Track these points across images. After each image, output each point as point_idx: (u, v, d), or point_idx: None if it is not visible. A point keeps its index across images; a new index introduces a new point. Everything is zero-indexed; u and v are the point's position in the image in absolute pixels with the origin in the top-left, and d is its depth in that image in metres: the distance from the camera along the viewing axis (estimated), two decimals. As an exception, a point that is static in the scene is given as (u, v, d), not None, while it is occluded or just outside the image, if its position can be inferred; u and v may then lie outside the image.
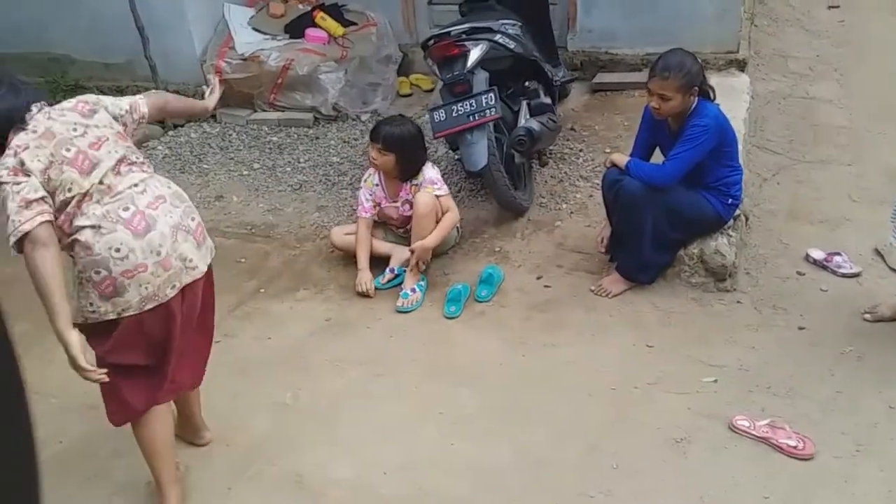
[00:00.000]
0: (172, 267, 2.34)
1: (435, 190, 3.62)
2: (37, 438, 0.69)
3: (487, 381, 3.09)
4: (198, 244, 2.44)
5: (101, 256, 2.24)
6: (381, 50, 5.43)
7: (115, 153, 2.35)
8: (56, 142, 2.26)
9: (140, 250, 2.27)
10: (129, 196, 2.30)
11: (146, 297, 2.30)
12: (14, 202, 2.13)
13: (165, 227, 2.33)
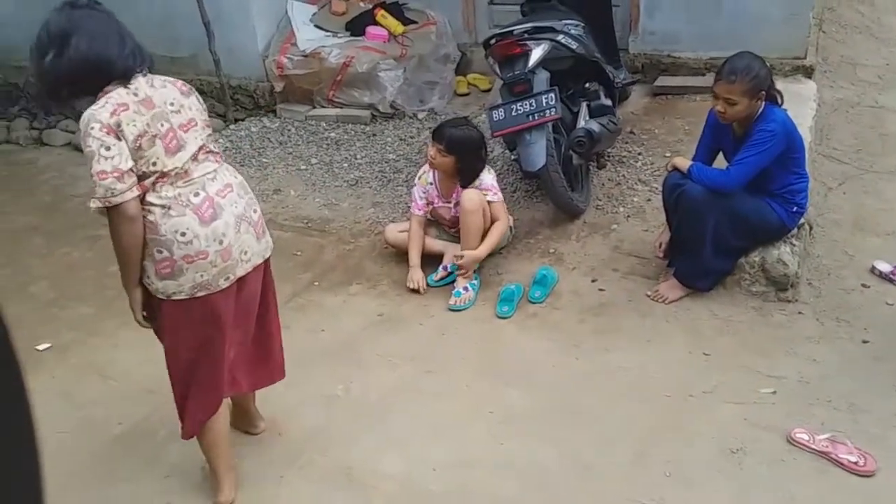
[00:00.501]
0: (231, 258, 2.35)
1: (488, 195, 3.60)
2: (39, 437, 0.69)
3: (538, 382, 3.07)
4: (257, 237, 2.45)
5: (165, 238, 2.26)
6: (439, 49, 5.44)
7: (199, 139, 2.34)
8: (154, 113, 2.23)
9: (204, 237, 2.28)
10: (200, 182, 2.31)
11: (199, 285, 2.31)
12: (102, 166, 2.11)
13: (230, 217, 2.34)
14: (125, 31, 2.26)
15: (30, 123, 5.98)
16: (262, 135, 5.35)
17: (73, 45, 2.14)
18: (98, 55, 2.17)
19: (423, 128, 5.19)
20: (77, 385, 3.26)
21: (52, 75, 2.18)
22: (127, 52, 2.22)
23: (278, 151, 5.13)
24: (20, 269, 4.18)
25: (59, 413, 3.10)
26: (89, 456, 2.88)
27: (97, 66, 2.18)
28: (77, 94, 2.25)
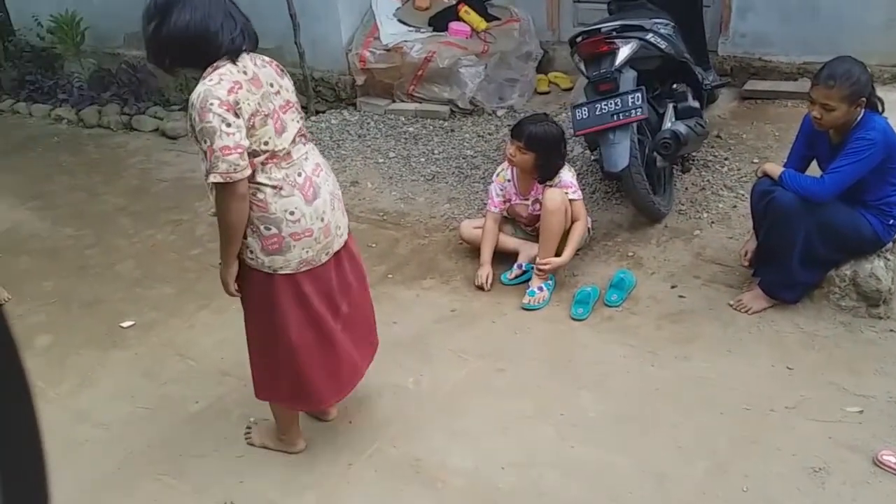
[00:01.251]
0: (331, 234, 2.43)
1: (569, 193, 3.55)
2: (42, 440, 0.68)
3: (611, 387, 3.00)
4: (343, 212, 2.55)
5: (275, 216, 2.32)
6: (522, 46, 5.41)
7: (296, 122, 2.38)
8: (262, 92, 2.24)
9: (309, 216, 2.36)
10: (299, 163, 2.36)
11: (304, 261, 2.39)
12: (226, 141, 2.13)
13: (326, 195, 2.42)
14: (233, 9, 2.27)
15: (120, 109, 6.21)
16: (341, 127, 5.42)
17: (174, 16, 2.18)
18: (199, 28, 2.19)
19: (502, 125, 5.16)
20: (158, 363, 3.36)
21: (154, 43, 2.24)
22: (235, 29, 2.22)
23: (357, 144, 5.18)
24: (109, 248, 4.34)
25: (141, 388, 3.20)
26: (167, 430, 2.96)
27: (197, 39, 2.19)
28: (179, 64, 2.28)
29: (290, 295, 2.42)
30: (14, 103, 6.70)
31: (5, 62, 6.99)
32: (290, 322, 2.44)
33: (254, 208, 2.31)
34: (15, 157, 5.73)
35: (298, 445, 2.79)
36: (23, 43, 7.09)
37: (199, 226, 4.48)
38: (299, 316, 2.45)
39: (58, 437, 2.96)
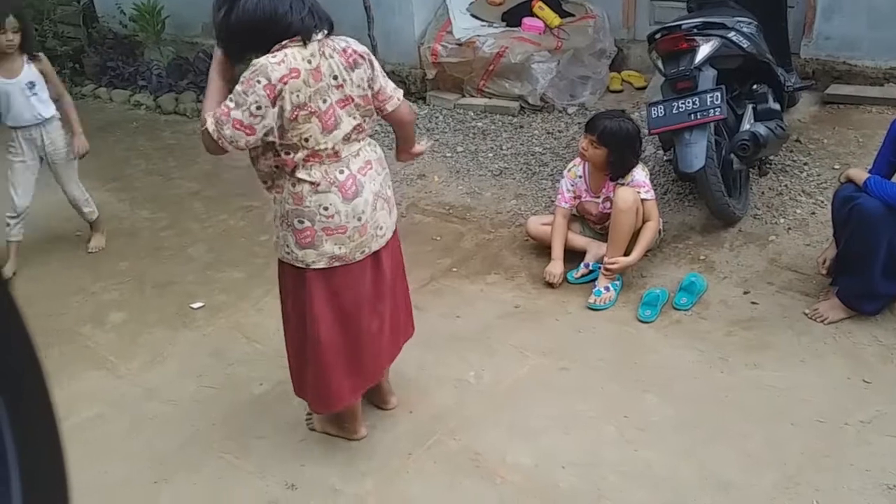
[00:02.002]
0: (367, 233, 2.41)
1: (641, 192, 3.48)
2: (57, 415, 0.66)
3: (678, 392, 2.93)
4: (389, 212, 2.51)
5: (309, 210, 2.33)
6: (596, 43, 5.33)
7: (354, 119, 2.33)
8: (318, 87, 2.22)
9: (345, 214, 2.35)
10: (346, 160, 2.35)
11: (336, 257, 2.39)
12: (244, 117, 2.16)
13: (369, 195, 2.39)
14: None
15: (196, 96, 6.36)
16: (410, 120, 5.43)
17: (240, 5, 2.20)
18: (265, 14, 2.19)
19: (573, 122, 5.10)
20: (225, 344, 3.42)
21: (224, 30, 2.25)
22: (303, 9, 2.20)
23: (425, 138, 5.19)
24: (182, 231, 4.44)
25: (208, 368, 3.27)
26: (232, 410, 3.02)
27: (266, 21, 2.20)
28: (250, 49, 2.27)
29: (321, 291, 2.43)
30: (96, 88, 6.92)
31: (88, 48, 7.23)
32: (320, 319, 2.45)
33: (290, 201, 2.35)
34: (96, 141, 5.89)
35: (360, 433, 2.81)
36: (106, 30, 7.33)
37: (268, 213, 4.51)
38: (329, 314, 2.46)
39: (127, 412, 3.06)
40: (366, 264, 2.46)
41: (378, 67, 2.39)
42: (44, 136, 4.03)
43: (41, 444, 0.60)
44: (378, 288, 2.54)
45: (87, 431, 2.97)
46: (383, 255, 2.52)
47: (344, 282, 2.44)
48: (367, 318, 2.52)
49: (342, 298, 2.46)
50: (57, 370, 3.32)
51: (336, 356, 2.52)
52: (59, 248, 4.37)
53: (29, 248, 4.36)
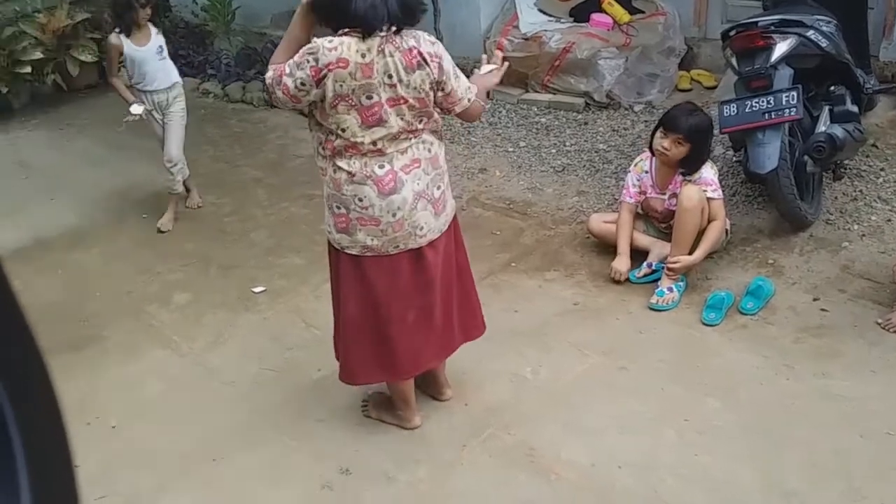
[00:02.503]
0: (402, 230, 2.40)
1: (708, 191, 3.39)
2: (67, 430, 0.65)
3: (742, 398, 2.86)
4: (435, 213, 2.46)
5: (345, 197, 2.37)
6: (665, 41, 5.24)
7: (402, 120, 2.29)
8: (366, 83, 2.21)
9: (379, 208, 2.35)
10: (391, 156, 2.33)
11: (368, 247, 2.42)
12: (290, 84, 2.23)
13: (409, 193, 2.36)
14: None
15: (263, 86, 6.45)
16: (473, 114, 5.41)
17: None
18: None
19: (639, 120, 5.02)
20: (284, 328, 3.47)
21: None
22: (367, 4, 2.17)
23: (487, 132, 5.17)
24: (245, 217, 4.52)
25: (268, 351, 3.32)
26: (290, 393, 3.06)
27: (333, 7, 2.23)
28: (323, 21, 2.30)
29: (351, 273, 2.48)
30: (167, 76, 7.09)
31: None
32: (349, 296, 2.51)
33: (330, 185, 2.40)
34: (165, 126, 6.07)
35: (414, 421, 2.81)
36: (178, 19, 7.50)
37: (329, 201, 4.60)
38: (358, 294, 2.50)
39: (188, 391, 3.12)
40: (401, 259, 2.45)
41: (449, 69, 2.34)
42: (169, 98, 4.33)
43: (46, 431, 0.59)
44: (418, 283, 2.51)
45: (152, 407, 3.05)
46: (428, 253, 2.48)
47: (375, 272, 2.46)
48: (399, 310, 2.51)
49: (372, 285, 2.48)
50: (123, 347, 3.42)
51: (359, 335, 2.56)
52: (127, 229, 4.49)
53: (99, 229, 4.50)
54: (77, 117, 6.34)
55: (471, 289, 2.78)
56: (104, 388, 3.16)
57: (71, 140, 5.93)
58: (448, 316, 2.65)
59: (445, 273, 2.58)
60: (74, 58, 6.49)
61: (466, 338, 2.80)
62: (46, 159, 5.59)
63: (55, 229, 4.51)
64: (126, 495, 2.63)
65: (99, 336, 3.50)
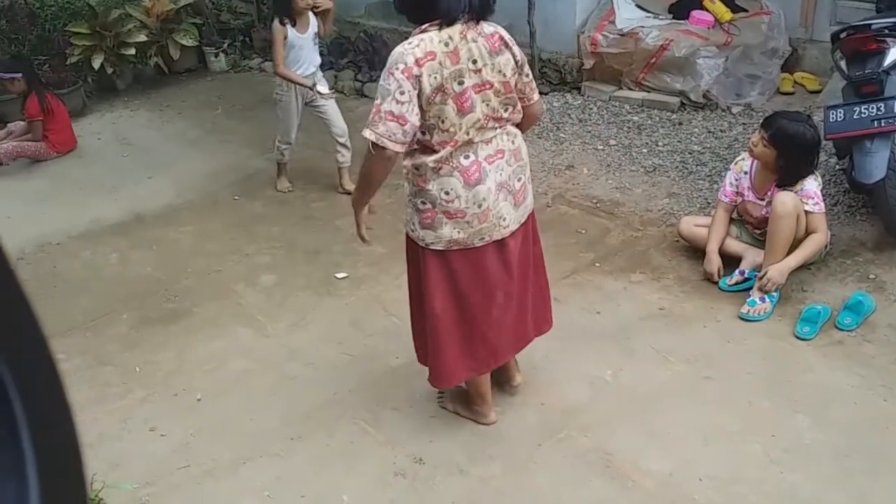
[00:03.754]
0: (488, 221, 2.41)
1: (808, 204, 3.24)
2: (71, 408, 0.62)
3: (834, 416, 2.73)
4: (516, 204, 2.47)
5: (430, 193, 2.37)
6: (768, 41, 5.03)
7: (488, 105, 2.31)
8: (455, 70, 2.22)
9: (465, 199, 2.36)
10: (476, 146, 2.34)
11: (454, 241, 2.42)
12: (392, 107, 2.19)
13: (493, 184, 2.38)
14: None
15: (354, 75, 6.54)
16: (563, 110, 5.34)
17: None
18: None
19: (736, 122, 4.85)
20: (365, 315, 3.50)
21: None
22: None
23: (577, 128, 5.09)
24: (332, 203, 4.58)
25: (348, 336, 3.36)
26: (368, 379, 3.09)
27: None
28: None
29: (438, 269, 2.47)
30: (262, 62, 7.25)
31: (258, 23, 7.59)
32: (436, 293, 2.49)
33: (415, 182, 2.40)
34: (259, 111, 6.21)
35: (489, 417, 2.79)
36: (275, 7, 7.67)
37: (415, 192, 4.61)
38: (445, 289, 2.49)
39: (270, 371, 3.19)
40: (486, 250, 2.47)
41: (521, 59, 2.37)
42: (315, 80, 4.47)
43: (50, 408, 0.58)
44: (499, 275, 2.52)
45: (235, 383, 3.13)
46: (510, 244, 2.50)
47: (460, 265, 2.47)
48: (483, 302, 2.52)
49: (458, 279, 2.49)
50: (211, 324, 3.52)
51: (450, 332, 2.55)
52: (219, 210, 4.62)
53: (192, 208, 4.65)
54: (176, 99, 6.57)
55: (544, 284, 2.79)
56: (191, 362, 3.27)
57: (169, 121, 6.14)
58: (524, 308, 2.66)
59: (523, 265, 2.59)
60: (176, 42, 6.72)
61: (538, 332, 2.80)
62: (146, 139, 5.81)
63: (152, 206, 4.68)
64: (206, 466, 2.71)
65: (189, 312, 3.62)
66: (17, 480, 0.54)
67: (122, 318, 3.61)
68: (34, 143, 5.42)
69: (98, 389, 3.13)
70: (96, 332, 3.52)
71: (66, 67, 6.26)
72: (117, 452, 2.79)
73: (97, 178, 5.17)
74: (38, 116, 5.36)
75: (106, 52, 6.31)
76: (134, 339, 3.44)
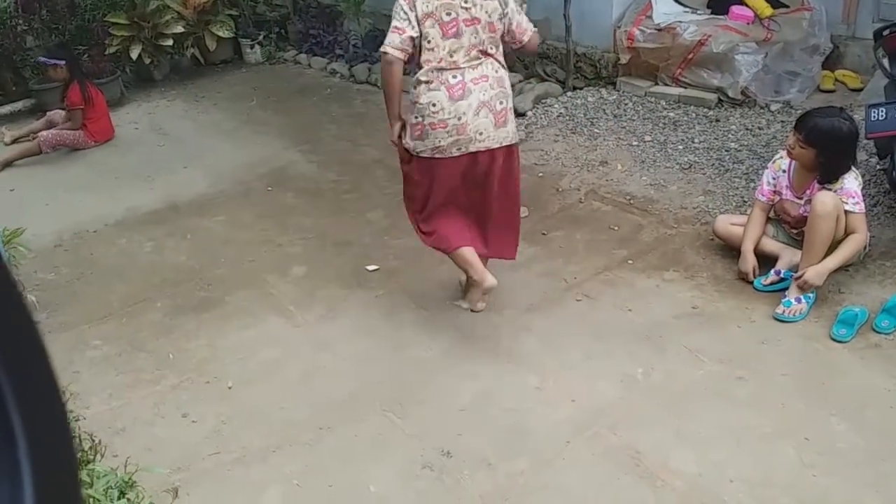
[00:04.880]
0: (465, 133, 2.94)
1: (848, 203, 3.17)
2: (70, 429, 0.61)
3: (869, 420, 2.67)
4: (496, 124, 2.99)
5: (422, 107, 2.94)
6: (809, 38, 4.94)
7: (475, 38, 2.88)
8: (444, 3, 2.83)
9: (448, 110, 2.91)
10: (464, 70, 2.91)
11: (437, 148, 2.98)
12: (397, 23, 2.85)
13: (475, 101, 2.92)
14: None
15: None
16: (597, 105, 5.30)
17: None
18: None
19: (775, 120, 4.77)
20: (395, 308, 3.51)
21: None
22: None
23: (611, 124, 5.04)
24: (363, 196, 4.60)
25: (377, 328, 3.37)
26: (397, 371, 3.10)
27: None
28: None
29: (424, 171, 3.09)
30: (297, 54, 7.31)
31: (293, 16, 7.63)
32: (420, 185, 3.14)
33: (413, 99, 2.96)
34: (292, 103, 6.26)
35: (487, 280, 3.15)
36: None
37: (447, 185, 4.61)
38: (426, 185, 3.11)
39: (300, 360, 3.21)
40: (462, 160, 3.00)
41: (512, 7, 2.94)
42: None
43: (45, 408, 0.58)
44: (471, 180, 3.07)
45: (265, 372, 3.15)
46: (481, 160, 3.02)
47: (440, 169, 3.04)
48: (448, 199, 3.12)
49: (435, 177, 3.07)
50: (243, 313, 3.55)
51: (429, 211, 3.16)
52: (252, 201, 4.66)
53: (226, 198, 4.69)
54: (211, 90, 6.64)
55: (514, 218, 3.26)
56: (223, 350, 3.30)
57: (205, 112, 6.21)
58: (483, 223, 3.19)
59: (490, 186, 3.09)
60: (212, 33, 6.78)
61: (498, 255, 3.28)
62: (182, 129, 5.88)
63: (186, 196, 4.74)
64: (237, 453, 2.74)
65: (221, 300, 3.66)
66: (12, 482, 0.54)
67: (157, 305, 3.65)
68: (73, 133, 5.51)
69: (132, 375, 3.17)
70: (131, 318, 3.57)
71: (104, 57, 6.35)
72: (150, 437, 2.83)
73: (133, 167, 5.25)
74: (79, 105, 5.45)
75: (143, 43, 6.40)
76: (168, 327, 3.48)
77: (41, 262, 4.02)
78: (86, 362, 3.27)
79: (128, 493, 2.23)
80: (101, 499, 1.96)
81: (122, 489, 2.20)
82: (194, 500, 2.54)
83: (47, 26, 6.48)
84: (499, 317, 3.38)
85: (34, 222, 4.10)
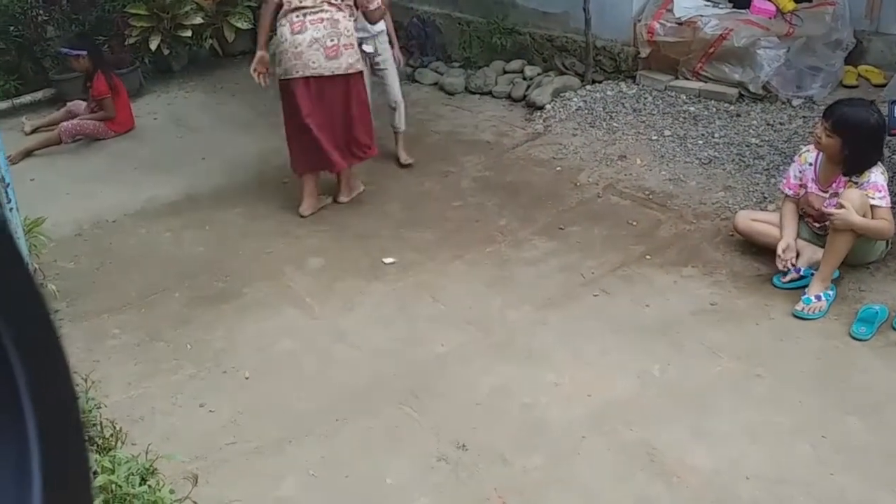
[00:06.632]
0: (300, 60, 3.89)
1: (875, 198, 3.13)
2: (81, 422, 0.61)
3: (888, 419, 2.66)
4: (327, 56, 3.91)
5: (279, 39, 3.96)
6: (832, 33, 4.88)
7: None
8: None
9: (289, 42, 3.90)
10: (306, 11, 3.87)
11: (283, 69, 3.96)
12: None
13: (308, 37, 3.88)
14: None
15: (406, 60, 6.53)
16: (616, 99, 5.27)
17: None
18: None
19: (797, 115, 4.73)
20: (411, 301, 3.52)
21: None
22: None
23: (630, 118, 5.01)
24: (381, 190, 4.60)
25: (394, 321, 3.38)
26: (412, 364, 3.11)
27: None
28: None
29: (284, 94, 4.07)
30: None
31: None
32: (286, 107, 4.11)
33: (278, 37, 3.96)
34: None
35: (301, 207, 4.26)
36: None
37: (464, 179, 4.60)
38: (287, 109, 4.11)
39: (317, 352, 3.23)
40: (299, 82, 3.93)
41: None
42: (377, 47, 4.56)
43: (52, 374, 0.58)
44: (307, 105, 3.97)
45: (282, 364, 3.17)
46: (313, 85, 3.95)
47: (289, 90, 3.99)
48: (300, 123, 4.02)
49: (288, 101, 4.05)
50: (260, 304, 3.57)
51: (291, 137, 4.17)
52: (268, 192, 4.67)
53: (243, 190, 4.71)
54: (230, 82, 6.65)
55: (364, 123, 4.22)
56: (241, 342, 3.32)
57: (223, 103, 6.23)
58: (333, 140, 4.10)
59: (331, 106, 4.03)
60: (231, 24, 6.79)
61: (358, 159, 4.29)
62: (200, 120, 5.91)
63: (204, 187, 4.76)
64: (253, 443, 2.76)
65: (239, 292, 3.68)
66: (20, 473, 0.54)
67: (175, 295, 3.68)
68: (93, 123, 5.54)
69: (150, 365, 3.20)
70: (149, 308, 3.60)
71: (124, 48, 6.38)
72: (168, 426, 2.86)
73: (152, 157, 5.28)
74: (106, 94, 5.47)
75: (163, 34, 6.42)
76: (186, 317, 3.51)
77: (61, 251, 4.06)
78: (105, 351, 3.31)
79: (149, 479, 2.25)
80: (122, 485, 1.99)
81: (143, 476, 2.23)
82: (213, 489, 2.56)
83: (68, 17, 6.51)
84: (516, 311, 3.38)
85: (54, 212, 4.15)
